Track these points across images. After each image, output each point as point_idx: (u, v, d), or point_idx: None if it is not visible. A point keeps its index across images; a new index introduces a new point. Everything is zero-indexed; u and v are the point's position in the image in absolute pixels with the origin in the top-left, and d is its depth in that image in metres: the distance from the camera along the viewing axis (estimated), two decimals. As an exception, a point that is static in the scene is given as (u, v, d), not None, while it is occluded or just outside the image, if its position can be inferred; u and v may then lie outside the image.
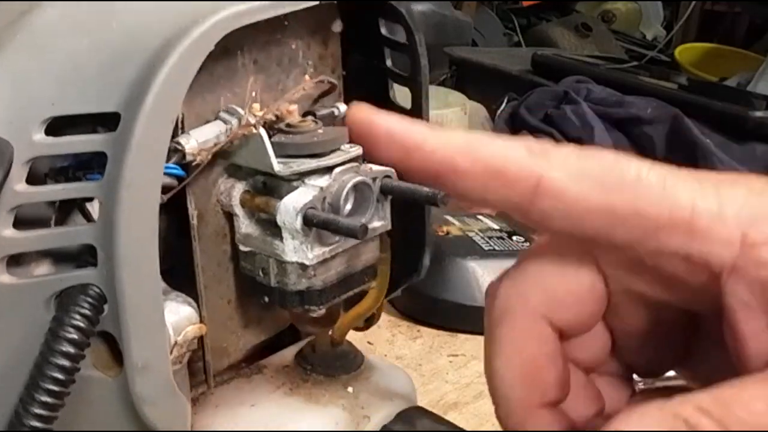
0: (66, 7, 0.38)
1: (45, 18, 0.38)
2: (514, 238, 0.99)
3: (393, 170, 0.42)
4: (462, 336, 0.69)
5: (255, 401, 0.46)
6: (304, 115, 0.43)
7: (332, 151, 0.41)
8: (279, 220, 0.39)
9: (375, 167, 0.42)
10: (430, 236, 0.48)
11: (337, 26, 0.46)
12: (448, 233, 1.00)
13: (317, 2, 0.39)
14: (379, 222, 0.42)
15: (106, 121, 0.36)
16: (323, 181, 0.40)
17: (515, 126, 1.23)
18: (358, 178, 0.40)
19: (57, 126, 0.36)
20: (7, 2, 0.38)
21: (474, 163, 0.24)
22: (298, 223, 0.38)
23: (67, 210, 0.38)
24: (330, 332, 0.48)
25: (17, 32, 0.37)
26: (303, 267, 0.40)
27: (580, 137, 1.17)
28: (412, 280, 0.50)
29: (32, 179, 0.36)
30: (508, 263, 0.25)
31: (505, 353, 0.25)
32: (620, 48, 1.82)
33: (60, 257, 0.37)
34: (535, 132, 1.20)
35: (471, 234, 1.00)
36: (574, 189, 0.23)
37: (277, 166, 0.39)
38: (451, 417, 0.56)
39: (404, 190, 0.41)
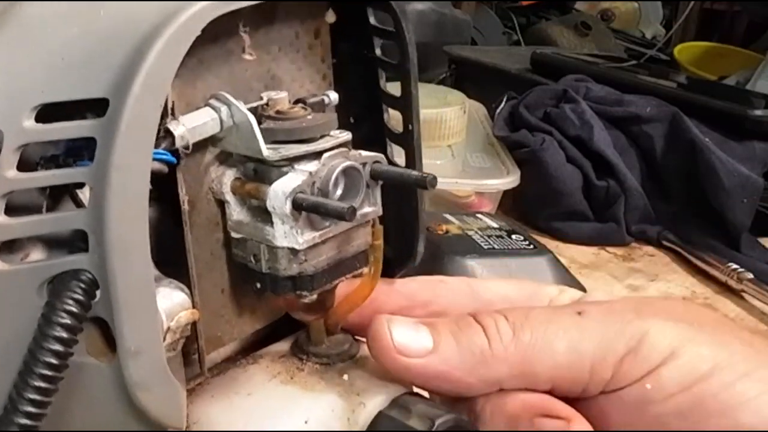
0: (55, -2, 0.38)
1: (34, 8, 0.38)
2: (513, 236, 0.99)
3: (383, 156, 0.42)
4: (461, 333, 0.69)
5: (251, 390, 0.46)
6: (295, 102, 0.43)
7: (321, 137, 0.41)
8: (269, 205, 0.39)
9: (364, 153, 0.42)
10: (423, 222, 0.49)
11: (331, 17, 0.46)
12: (447, 232, 1.00)
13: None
14: (370, 208, 0.42)
15: (96, 108, 0.36)
16: (312, 166, 0.40)
17: (514, 125, 1.23)
18: (348, 163, 0.40)
19: (48, 115, 0.37)
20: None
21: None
22: (288, 207, 0.39)
23: (58, 197, 0.38)
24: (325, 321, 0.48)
25: (6, 22, 0.37)
26: (294, 252, 0.40)
27: (579, 135, 1.17)
28: (407, 266, 0.50)
29: (23, 168, 0.37)
30: (508, 262, 0.25)
31: None
32: (619, 47, 1.83)
33: (52, 243, 0.38)
34: (534, 131, 1.20)
35: (470, 233, 1.00)
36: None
37: (266, 151, 0.39)
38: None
39: (393, 175, 0.41)
